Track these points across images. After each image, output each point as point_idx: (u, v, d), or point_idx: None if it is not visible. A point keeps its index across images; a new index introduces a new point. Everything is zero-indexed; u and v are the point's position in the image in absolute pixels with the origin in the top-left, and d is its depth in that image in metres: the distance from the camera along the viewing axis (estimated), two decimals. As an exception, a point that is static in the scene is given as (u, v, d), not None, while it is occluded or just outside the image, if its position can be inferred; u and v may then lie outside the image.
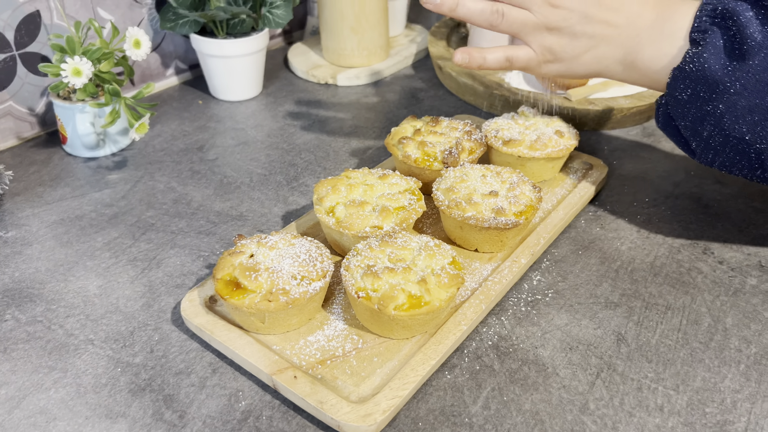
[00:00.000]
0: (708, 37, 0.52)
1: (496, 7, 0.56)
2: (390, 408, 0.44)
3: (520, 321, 0.53)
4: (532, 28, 0.57)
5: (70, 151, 0.76)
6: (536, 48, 0.58)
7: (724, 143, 0.53)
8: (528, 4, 0.56)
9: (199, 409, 0.46)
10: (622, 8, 0.56)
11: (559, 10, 0.56)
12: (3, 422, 0.45)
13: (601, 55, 0.58)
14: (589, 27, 0.56)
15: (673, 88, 0.55)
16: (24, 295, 0.56)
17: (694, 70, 0.52)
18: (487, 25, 0.57)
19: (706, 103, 0.52)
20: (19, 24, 0.74)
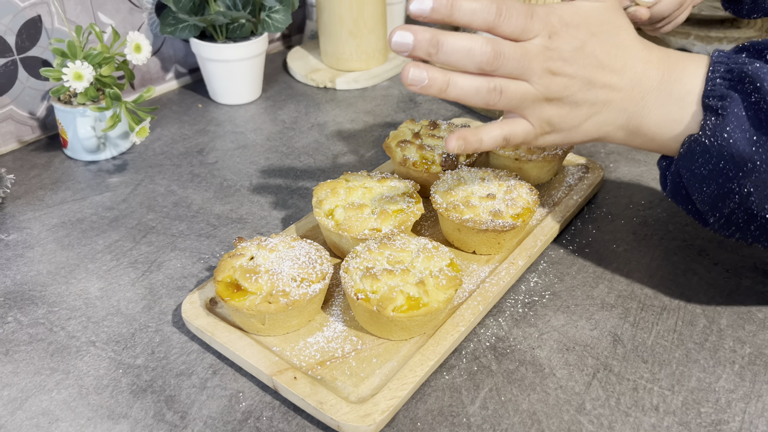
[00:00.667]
0: (728, 105, 0.46)
1: (492, 83, 0.48)
2: (389, 408, 0.44)
3: (518, 322, 0.54)
4: (532, 101, 0.49)
5: (71, 155, 0.77)
6: (534, 121, 0.51)
7: (749, 221, 0.48)
8: (527, 74, 0.48)
9: (200, 410, 0.47)
10: (625, 69, 0.50)
11: (560, 78, 0.49)
12: (6, 423, 0.46)
13: (602, 122, 0.52)
14: (591, 93, 0.50)
15: (689, 160, 0.49)
16: (26, 297, 0.57)
17: (716, 145, 0.46)
18: (483, 104, 0.48)
19: (730, 181, 0.46)
20: (21, 28, 0.74)
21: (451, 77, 0.47)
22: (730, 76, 0.47)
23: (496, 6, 0.45)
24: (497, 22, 0.46)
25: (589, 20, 0.49)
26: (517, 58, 0.47)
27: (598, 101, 0.50)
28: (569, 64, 0.48)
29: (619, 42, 0.50)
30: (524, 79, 0.48)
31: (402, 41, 0.45)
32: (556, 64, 0.48)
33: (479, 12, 0.45)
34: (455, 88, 0.47)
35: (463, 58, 0.46)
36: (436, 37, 0.45)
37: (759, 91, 0.45)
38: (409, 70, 0.46)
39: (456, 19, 0.46)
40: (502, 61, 0.46)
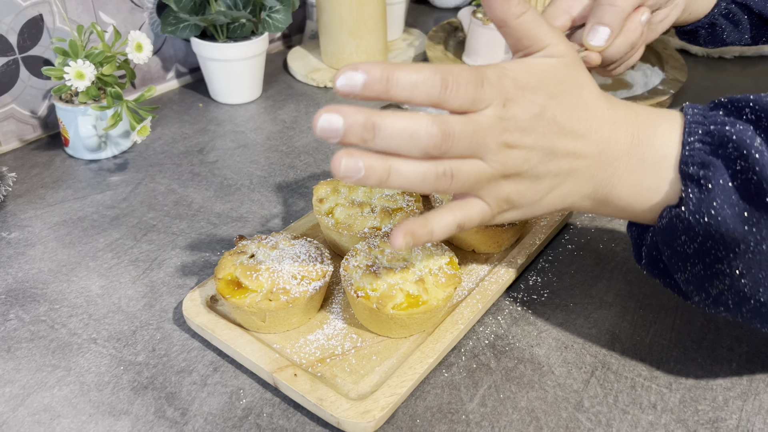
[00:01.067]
0: (712, 176, 0.40)
1: (442, 168, 0.40)
2: (388, 405, 0.45)
3: (516, 320, 0.54)
4: (487, 181, 0.42)
5: (72, 154, 0.77)
6: (490, 201, 0.44)
7: (740, 303, 0.42)
8: (481, 151, 0.41)
9: (201, 407, 0.47)
10: (590, 133, 0.43)
11: (518, 151, 0.42)
12: (8, 420, 0.46)
13: (566, 193, 0.45)
14: (554, 164, 0.43)
15: (670, 237, 0.43)
16: (27, 295, 0.57)
17: (702, 223, 0.40)
18: (432, 191, 0.41)
19: (719, 261, 0.41)
20: (22, 28, 0.75)
21: (393, 164, 0.39)
22: (710, 140, 0.41)
23: (440, 77, 0.38)
24: (444, 95, 0.39)
25: (547, 80, 0.42)
26: (468, 135, 0.40)
27: (561, 172, 0.44)
28: (527, 134, 0.41)
29: (582, 102, 0.43)
30: (478, 156, 0.41)
31: (330, 126, 0.37)
32: (512, 135, 0.41)
33: (421, 85, 0.38)
34: (398, 177, 0.39)
35: (406, 143, 0.38)
36: (371, 119, 0.37)
37: (745, 158, 0.39)
38: (341, 161, 0.38)
39: (394, 95, 0.38)
40: (452, 142, 0.39)
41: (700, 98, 0.91)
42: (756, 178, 0.39)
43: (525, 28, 0.42)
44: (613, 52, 0.61)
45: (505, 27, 0.43)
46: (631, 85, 0.88)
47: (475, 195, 0.43)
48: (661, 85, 0.84)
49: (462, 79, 0.39)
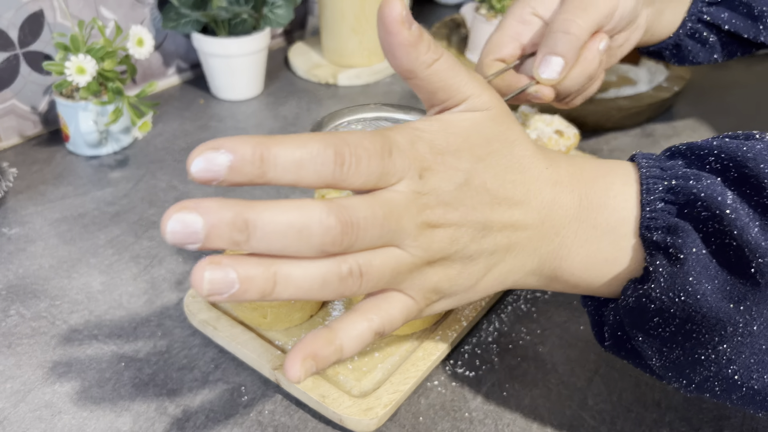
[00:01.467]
0: (683, 244, 0.33)
1: (347, 266, 0.31)
2: (391, 402, 0.45)
3: (520, 318, 0.54)
4: (408, 272, 0.33)
5: (73, 150, 0.77)
6: (415, 294, 0.35)
7: (729, 390, 0.35)
8: (397, 238, 0.32)
9: (202, 404, 0.47)
10: (528, 199, 0.36)
11: (443, 231, 0.33)
12: (9, 415, 0.46)
13: (506, 272, 0.37)
14: (488, 240, 0.35)
15: (640, 319, 0.36)
16: (28, 291, 0.57)
17: (678, 303, 0.33)
18: (338, 296, 0.32)
19: (703, 347, 0.34)
20: (23, 23, 0.74)
21: (279, 270, 0.30)
22: (673, 198, 0.34)
23: (333, 151, 0.29)
24: (340, 174, 0.30)
25: (472, 140, 0.34)
26: (378, 221, 0.31)
27: (498, 248, 0.36)
28: (453, 208, 0.33)
29: (516, 162, 0.36)
30: (393, 244, 0.32)
31: (185, 230, 0.28)
32: (434, 213, 0.33)
33: (309, 163, 0.29)
34: (287, 286, 0.30)
35: (294, 243, 0.29)
36: (242, 215, 0.28)
37: (719, 220, 0.32)
38: (203, 275, 0.28)
39: (273, 179, 0.29)
40: (356, 233, 0.30)
41: (704, 96, 0.91)
42: (735, 244, 0.32)
43: (439, 79, 0.34)
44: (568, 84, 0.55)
45: (414, 79, 0.34)
46: (635, 81, 0.87)
47: (395, 289, 0.35)
48: (665, 82, 0.84)
49: (362, 150, 0.30)
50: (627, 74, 0.88)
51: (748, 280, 0.32)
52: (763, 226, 0.31)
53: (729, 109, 0.88)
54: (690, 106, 0.88)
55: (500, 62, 0.57)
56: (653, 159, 0.37)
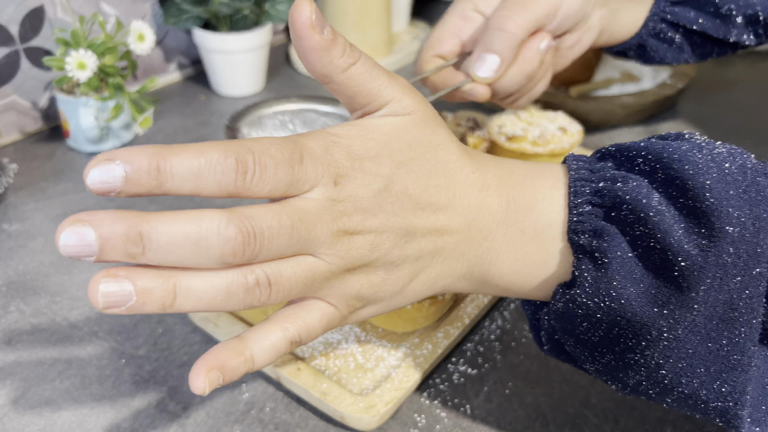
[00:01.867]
0: (608, 248, 0.32)
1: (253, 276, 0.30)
2: (393, 400, 0.44)
3: (522, 316, 0.54)
4: (324, 280, 0.33)
5: (74, 146, 0.76)
6: (335, 301, 0.34)
7: (663, 394, 0.35)
8: (309, 246, 0.31)
9: (203, 401, 0.46)
10: (454, 204, 0.35)
11: (362, 238, 0.32)
12: (8, 412, 0.46)
13: (434, 277, 0.36)
14: (412, 246, 0.34)
15: (570, 324, 0.35)
16: (28, 287, 0.56)
17: (603, 307, 0.32)
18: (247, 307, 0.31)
19: (631, 351, 0.33)
20: (24, 18, 0.74)
21: (179, 282, 0.29)
22: (600, 201, 0.33)
23: (235, 159, 0.29)
24: (243, 184, 0.29)
25: (392, 145, 0.34)
26: (286, 231, 0.30)
27: (423, 254, 0.35)
28: (372, 215, 0.32)
29: (440, 167, 0.35)
30: (306, 253, 0.31)
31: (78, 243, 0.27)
32: (352, 220, 0.32)
33: (208, 173, 0.28)
34: (188, 298, 0.29)
35: (191, 255, 0.28)
36: (136, 227, 0.28)
37: (644, 223, 0.31)
38: (98, 288, 0.28)
39: (171, 189, 0.28)
40: (259, 243, 0.29)
41: (708, 93, 0.90)
42: (659, 247, 0.31)
43: (356, 83, 0.33)
44: (506, 84, 0.54)
45: (330, 84, 0.33)
46: (638, 78, 0.87)
47: (315, 297, 0.34)
48: (669, 79, 0.83)
49: (268, 158, 0.29)
50: (631, 71, 0.88)
51: (671, 284, 0.31)
52: (688, 229, 0.31)
53: (733, 105, 0.87)
54: (694, 102, 0.87)
55: (440, 58, 0.57)
56: (583, 161, 0.36)
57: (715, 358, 0.32)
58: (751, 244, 0.30)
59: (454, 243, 0.36)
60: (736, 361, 0.32)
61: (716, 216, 0.30)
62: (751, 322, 0.31)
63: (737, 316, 0.31)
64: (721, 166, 0.31)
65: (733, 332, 0.31)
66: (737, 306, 0.31)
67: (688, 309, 0.31)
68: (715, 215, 0.30)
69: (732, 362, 0.32)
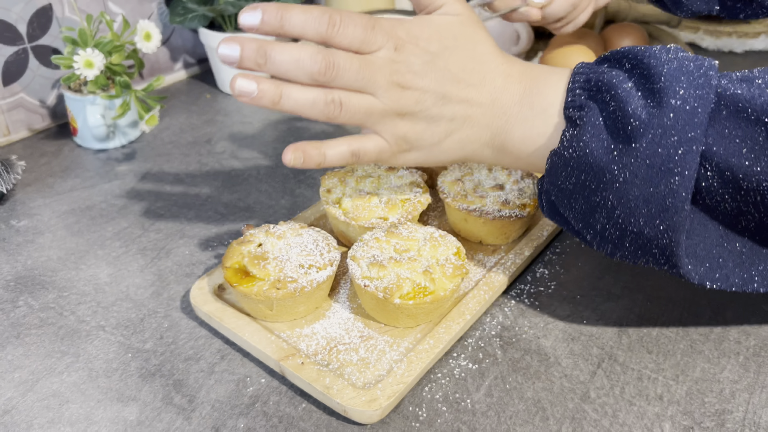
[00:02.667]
0: (585, 116, 0.43)
1: (331, 96, 0.44)
2: (395, 394, 0.45)
3: (523, 312, 0.54)
4: (380, 116, 0.45)
5: (81, 143, 0.77)
6: (388, 137, 0.47)
7: (621, 236, 0.44)
8: (371, 87, 0.44)
9: (208, 394, 0.47)
10: (483, 84, 0.47)
11: (411, 92, 0.45)
12: (17, 404, 0.46)
13: (465, 139, 0.48)
14: (448, 108, 0.46)
15: (554, 175, 0.46)
16: (36, 282, 0.57)
17: (575, 156, 0.43)
18: (324, 118, 0.45)
19: (594, 194, 0.44)
20: (32, 17, 0.75)
21: (284, 89, 0.43)
22: (588, 86, 0.44)
23: (328, 16, 0.42)
24: (330, 32, 0.43)
25: (442, 34, 0.46)
26: (354, 69, 0.43)
27: (456, 116, 0.47)
28: (420, 77, 0.45)
29: (477, 56, 0.47)
30: (368, 92, 0.45)
31: (229, 53, 0.43)
32: (404, 77, 0.45)
33: (310, 23, 0.42)
34: (289, 100, 0.44)
35: (294, 69, 0.43)
36: (263, 47, 0.42)
37: (615, 99, 0.42)
38: (237, 81, 0.43)
39: (287, 31, 0.43)
40: (336, 71, 0.43)
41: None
42: (620, 114, 0.42)
43: None
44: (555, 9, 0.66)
45: None
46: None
47: (374, 130, 0.47)
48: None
49: (351, 21, 0.43)
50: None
51: (623, 139, 0.41)
52: (644, 101, 0.41)
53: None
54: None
55: None
56: (588, 64, 0.46)
57: (655, 200, 0.41)
58: (689, 114, 0.40)
59: (481, 114, 0.47)
60: (671, 204, 0.41)
61: (665, 92, 0.40)
62: (684, 174, 0.40)
63: (672, 167, 0.40)
64: (682, 62, 0.41)
65: (669, 180, 0.40)
66: (673, 159, 0.40)
67: (634, 157, 0.41)
68: (664, 91, 0.40)
69: (667, 204, 0.41)
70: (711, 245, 0.44)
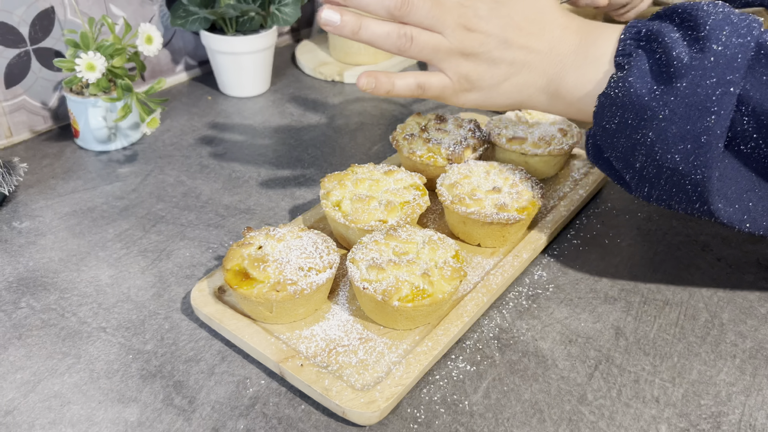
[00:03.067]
0: (633, 61, 0.48)
1: (404, 30, 0.50)
2: (393, 396, 0.45)
3: (521, 314, 0.55)
4: (446, 54, 0.51)
5: (82, 145, 0.78)
6: (451, 75, 0.52)
7: (658, 174, 0.48)
8: (440, 26, 0.50)
9: (208, 395, 0.48)
10: (543, 33, 0.52)
11: (475, 35, 0.51)
12: (19, 405, 0.47)
13: (522, 83, 0.53)
14: (509, 53, 0.51)
15: (600, 116, 0.50)
16: (38, 283, 0.58)
17: (620, 96, 0.48)
18: (395, 50, 0.51)
19: (635, 131, 0.48)
20: (34, 20, 0.75)
21: (364, 21, 0.50)
22: (638, 36, 0.49)
23: None
24: None
25: None
26: (426, 8, 0.50)
27: (516, 61, 0.52)
28: (485, 21, 0.51)
29: (539, 8, 0.52)
30: (437, 31, 0.51)
31: None
32: (471, 20, 0.50)
33: None
34: (366, 30, 0.50)
35: (373, 3, 0.50)
36: None
37: (661, 45, 0.47)
38: (324, 11, 0.50)
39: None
40: (409, 8, 0.49)
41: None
42: (665, 58, 0.46)
43: None
44: None
45: None
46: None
47: (439, 68, 0.53)
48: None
49: None
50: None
51: (665, 79, 0.46)
52: (689, 50, 0.45)
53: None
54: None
55: None
56: (640, 20, 0.50)
57: (692, 137, 0.45)
58: (729, 58, 0.44)
59: (538, 60, 0.52)
60: (705, 141, 0.45)
61: (708, 38, 0.45)
62: (720, 113, 0.44)
63: (710, 106, 0.44)
64: (728, 14, 0.45)
65: (705, 118, 0.44)
66: (711, 99, 0.44)
67: (674, 95, 0.45)
68: (707, 38, 0.45)
69: (702, 141, 0.45)
70: (742, 189, 0.47)
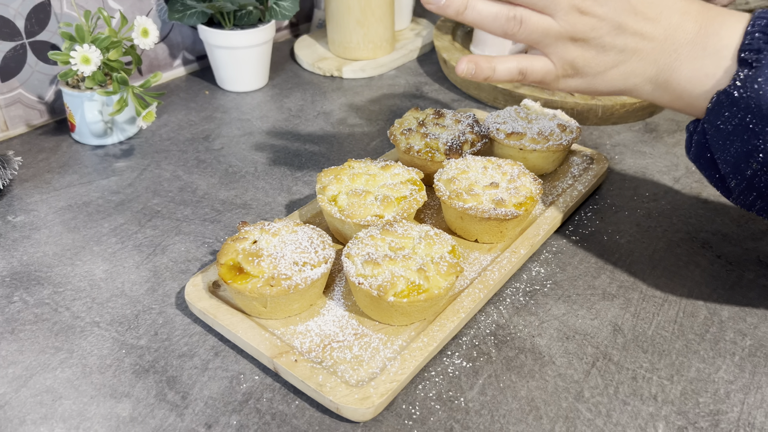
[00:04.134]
0: (763, 59, 0.44)
1: (513, 12, 0.47)
2: (388, 392, 0.45)
3: (518, 310, 0.54)
4: (554, 38, 0.48)
5: (78, 139, 0.77)
6: (556, 60, 0.50)
7: None
8: (552, 9, 0.48)
9: (201, 391, 0.47)
10: (660, 18, 0.48)
11: (588, 18, 0.48)
12: (11, 400, 0.46)
13: (629, 72, 0.50)
14: (621, 39, 0.48)
15: (716, 115, 0.47)
16: (32, 278, 0.57)
17: (745, 97, 0.44)
18: (502, 33, 0.48)
19: (756, 137, 0.44)
20: (30, 13, 0.75)
21: (471, 1, 0.48)
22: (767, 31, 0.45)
23: None
24: None
25: None
26: None
27: (627, 48, 0.49)
28: (600, 4, 0.47)
29: None
30: (548, 13, 0.48)
31: None
32: (585, 3, 0.47)
33: None
34: (473, 11, 0.48)
35: None
36: None
37: None
38: None
39: None
40: None
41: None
42: None
43: None
44: None
45: None
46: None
47: (544, 52, 0.50)
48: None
49: None
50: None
51: None
52: None
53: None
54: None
55: None
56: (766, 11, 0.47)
57: None
58: None
59: (651, 48, 0.49)
60: None
61: None
62: None
63: None
64: None
65: None
66: None
67: None
68: None
69: None
70: None
